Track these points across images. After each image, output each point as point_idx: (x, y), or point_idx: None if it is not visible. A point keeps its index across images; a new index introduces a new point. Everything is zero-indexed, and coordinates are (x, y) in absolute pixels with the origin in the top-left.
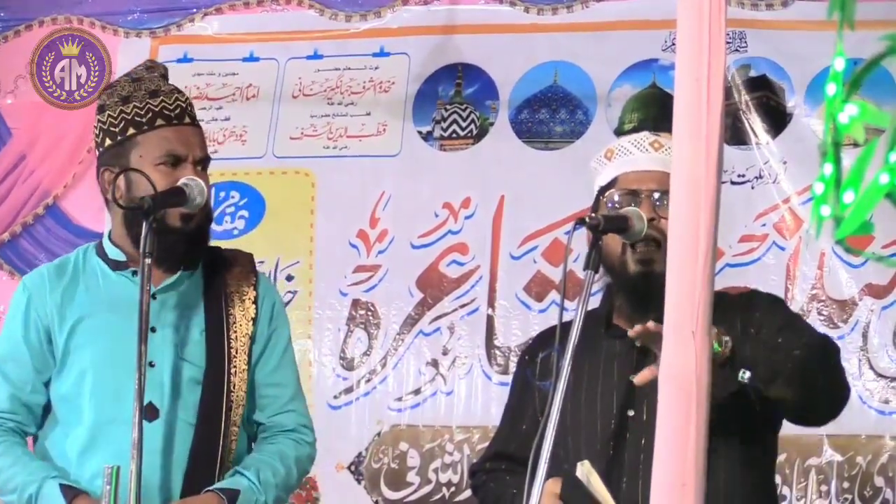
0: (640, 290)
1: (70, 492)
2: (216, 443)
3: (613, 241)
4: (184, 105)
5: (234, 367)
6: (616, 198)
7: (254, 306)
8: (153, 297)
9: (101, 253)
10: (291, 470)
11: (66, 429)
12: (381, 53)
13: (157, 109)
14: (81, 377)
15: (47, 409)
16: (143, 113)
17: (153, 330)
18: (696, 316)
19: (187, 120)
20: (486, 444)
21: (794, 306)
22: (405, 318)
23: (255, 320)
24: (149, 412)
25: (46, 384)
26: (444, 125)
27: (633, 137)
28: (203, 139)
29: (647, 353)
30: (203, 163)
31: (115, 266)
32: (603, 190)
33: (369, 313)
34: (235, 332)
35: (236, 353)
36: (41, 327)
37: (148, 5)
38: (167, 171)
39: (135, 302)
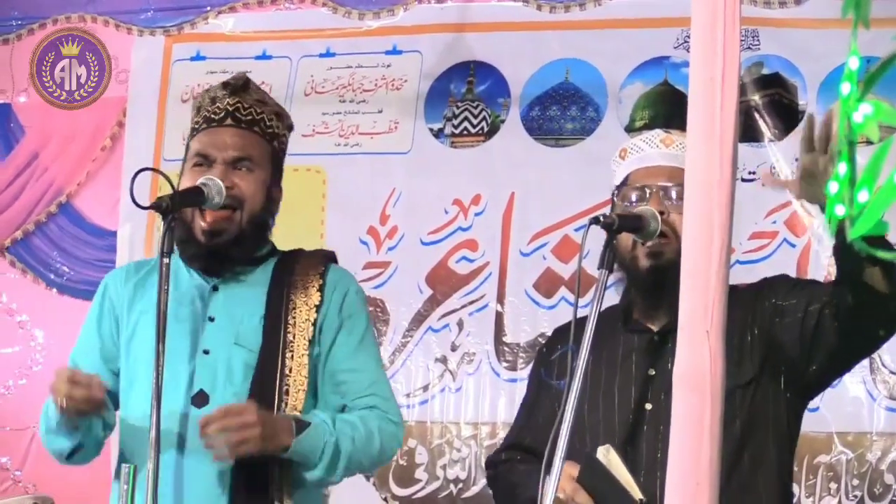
0: (652, 284)
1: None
2: None
3: (624, 238)
4: (231, 109)
5: (291, 351)
6: (626, 195)
7: (318, 294)
8: (215, 288)
9: None
10: (373, 435)
11: (124, 415)
12: (394, 51)
13: (206, 115)
14: (136, 366)
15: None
16: (198, 119)
17: (211, 319)
18: (711, 315)
19: (229, 122)
20: (494, 440)
21: None
22: (414, 314)
23: (318, 308)
24: (199, 399)
25: (117, 374)
26: (456, 122)
27: (646, 135)
28: (248, 140)
29: (666, 346)
30: (237, 163)
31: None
32: (618, 189)
33: (378, 310)
34: (294, 317)
35: (294, 338)
36: (112, 317)
37: (162, 4)
38: (199, 171)
39: (196, 295)
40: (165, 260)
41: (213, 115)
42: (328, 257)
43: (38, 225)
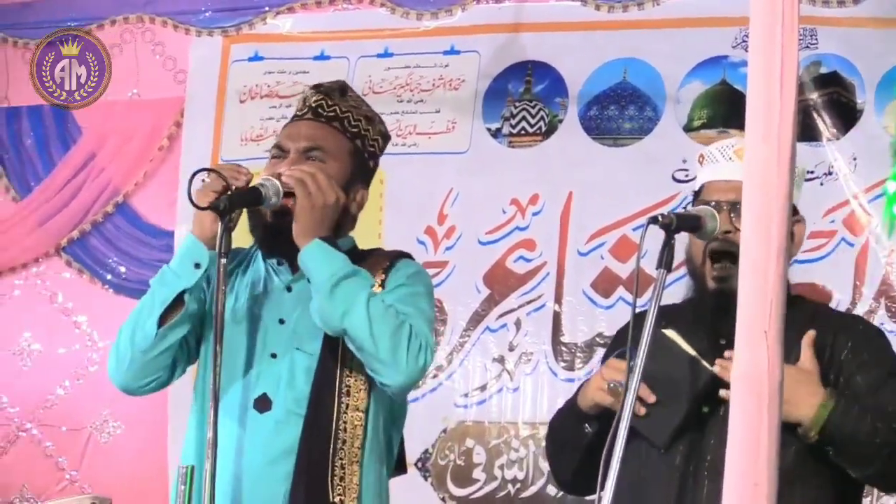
0: (716, 306)
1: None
2: (327, 432)
3: (696, 247)
4: (314, 105)
5: (349, 351)
6: (696, 210)
7: (380, 288)
8: (288, 289)
9: None
10: (403, 322)
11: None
12: (452, 51)
13: (294, 113)
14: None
15: None
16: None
17: (282, 322)
18: (769, 315)
19: (309, 116)
20: None
21: (863, 303)
22: (472, 314)
23: None
24: (262, 404)
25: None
26: (514, 122)
27: (721, 144)
28: (323, 132)
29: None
30: (309, 152)
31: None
32: (694, 195)
33: (436, 309)
34: None
35: None
36: (204, 290)
37: (220, 4)
38: (275, 163)
39: (272, 295)
40: (222, 261)
41: (297, 112)
42: (399, 255)
43: (95, 225)
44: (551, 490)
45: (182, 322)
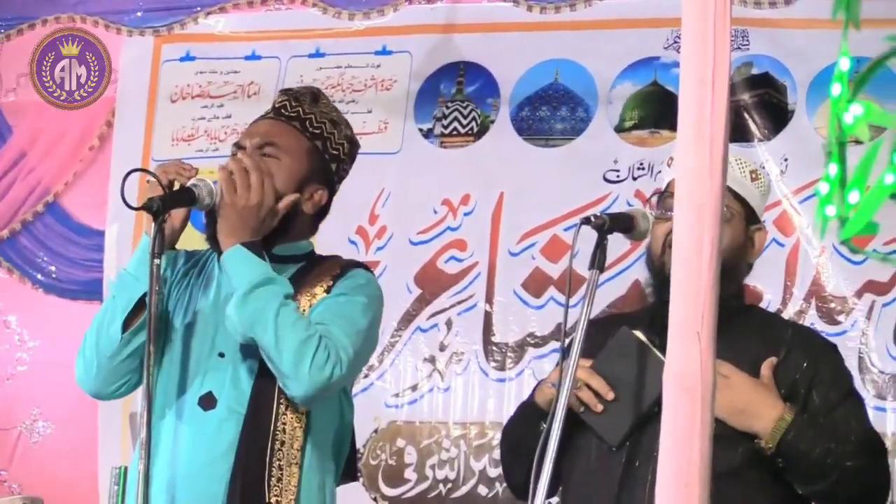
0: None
1: None
2: (266, 432)
3: (656, 241)
4: (277, 106)
5: None
6: (661, 202)
7: (324, 294)
8: None
9: None
10: (308, 326)
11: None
12: (384, 52)
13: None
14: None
15: None
16: None
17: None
18: (702, 316)
19: (271, 115)
20: (483, 440)
21: (794, 303)
22: (403, 314)
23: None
24: (206, 402)
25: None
26: (445, 122)
27: None
28: (280, 129)
29: None
30: (263, 148)
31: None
32: (659, 195)
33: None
34: None
35: None
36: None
37: (151, 4)
38: (231, 161)
39: (223, 294)
40: (156, 261)
41: (262, 114)
42: (354, 265)
43: (25, 224)
44: (482, 490)
45: (145, 325)
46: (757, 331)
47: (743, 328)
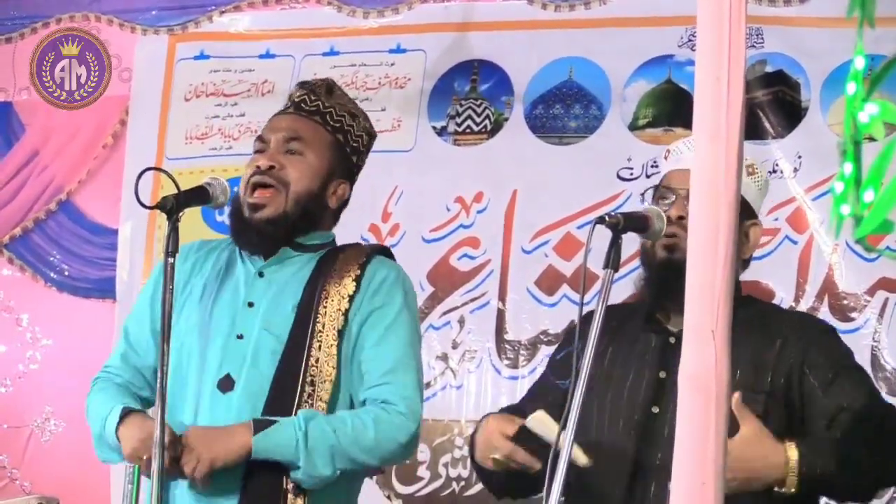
0: (665, 277)
1: (126, 411)
2: (287, 414)
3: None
4: (297, 100)
5: (319, 341)
6: (659, 195)
7: (354, 284)
8: (260, 274)
9: None
10: (366, 426)
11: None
12: (398, 50)
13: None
14: (178, 343)
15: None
16: None
17: (250, 304)
18: (716, 315)
19: (291, 110)
20: None
21: (806, 300)
22: None
23: (352, 297)
24: (225, 384)
25: None
26: (459, 120)
27: (689, 138)
28: (303, 124)
29: (680, 349)
30: (287, 143)
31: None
32: (655, 188)
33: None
34: (326, 307)
35: (323, 327)
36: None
37: (166, 3)
38: (256, 157)
39: (242, 280)
40: (170, 259)
41: (282, 109)
42: (375, 250)
43: (38, 222)
44: None
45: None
46: (755, 324)
47: (741, 323)
